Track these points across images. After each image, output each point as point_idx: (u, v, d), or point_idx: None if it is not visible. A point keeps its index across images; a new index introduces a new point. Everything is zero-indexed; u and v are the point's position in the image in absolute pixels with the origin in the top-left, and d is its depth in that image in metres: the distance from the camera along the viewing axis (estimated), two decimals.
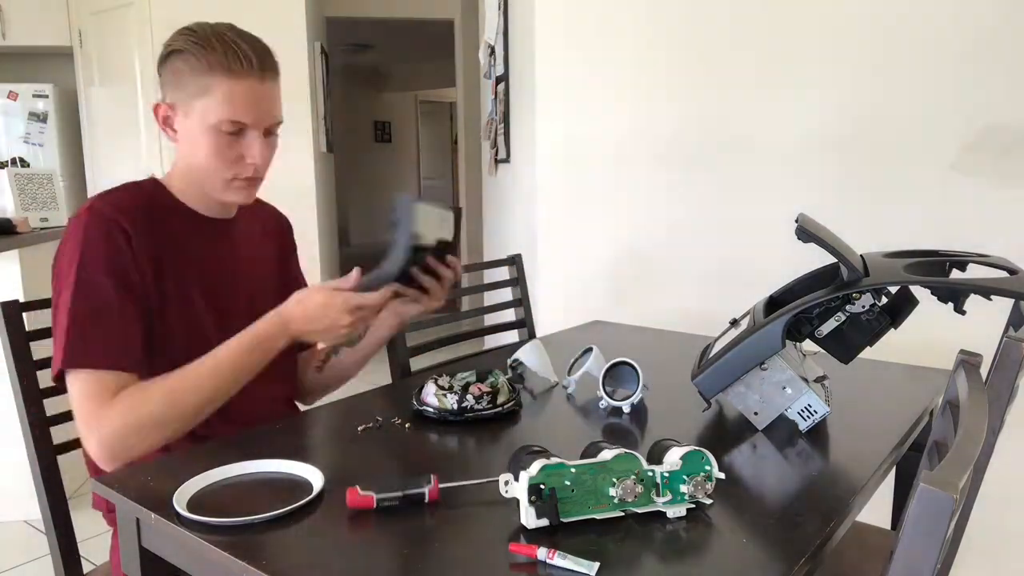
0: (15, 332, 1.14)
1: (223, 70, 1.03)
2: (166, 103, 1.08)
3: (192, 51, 1.04)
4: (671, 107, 2.34)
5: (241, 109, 1.04)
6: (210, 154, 1.06)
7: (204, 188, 1.11)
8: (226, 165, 1.07)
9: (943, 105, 1.79)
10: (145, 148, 4.05)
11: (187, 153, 1.09)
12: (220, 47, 1.03)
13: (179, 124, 1.08)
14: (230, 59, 1.03)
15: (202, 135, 1.05)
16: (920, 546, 0.51)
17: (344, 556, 0.70)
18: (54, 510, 1.15)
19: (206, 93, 1.03)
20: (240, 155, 1.07)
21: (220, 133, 1.05)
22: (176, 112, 1.07)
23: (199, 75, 1.03)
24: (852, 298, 1.01)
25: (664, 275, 2.42)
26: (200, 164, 1.07)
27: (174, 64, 1.06)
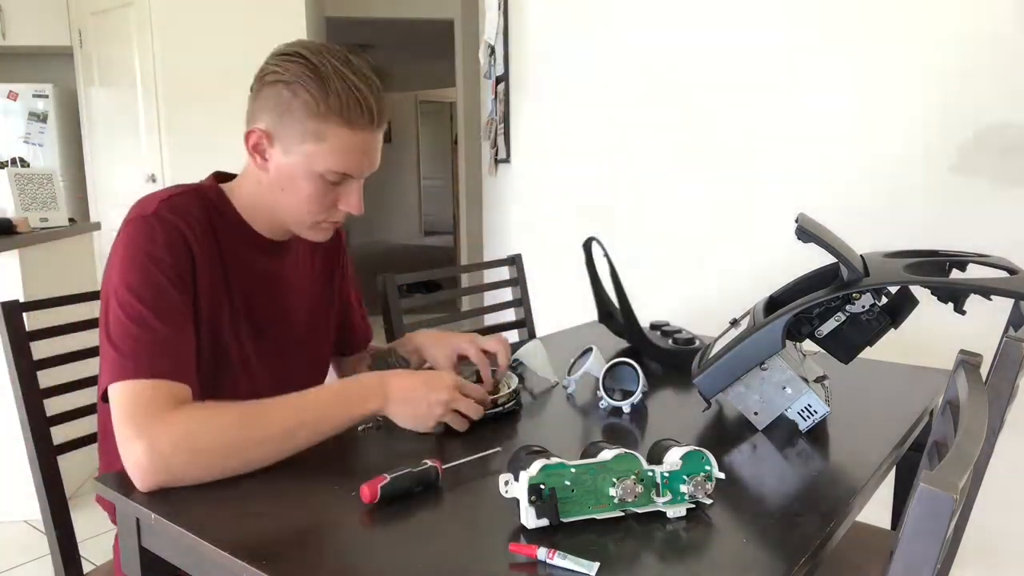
0: (15, 332, 1.14)
1: (341, 120, 0.95)
2: (261, 130, 0.98)
3: (309, 90, 0.94)
4: (671, 107, 2.34)
5: (352, 162, 0.98)
6: (307, 199, 1.00)
7: (282, 221, 1.05)
8: (320, 210, 1.02)
9: (943, 105, 1.79)
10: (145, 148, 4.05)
11: (275, 186, 1.01)
12: (342, 93, 0.94)
13: (274, 156, 0.99)
14: (351, 109, 0.95)
15: (303, 179, 0.99)
16: (920, 546, 0.51)
17: (344, 556, 0.70)
18: (54, 510, 1.15)
19: (317, 139, 0.96)
20: (335, 201, 1.03)
21: (323, 180, 0.99)
22: (273, 144, 0.99)
23: (311, 118, 0.95)
24: (852, 298, 1.01)
25: (664, 275, 2.42)
26: (290, 203, 1.01)
27: (281, 95, 0.96)
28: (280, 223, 1.07)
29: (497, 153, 3.46)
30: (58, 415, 1.18)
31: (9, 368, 1.14)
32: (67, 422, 1.19)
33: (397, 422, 0.98)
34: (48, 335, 1.19)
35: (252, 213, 1.06)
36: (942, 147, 1.80)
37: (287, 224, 1.06)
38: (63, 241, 2.53)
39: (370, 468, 0.92)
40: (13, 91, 4.14)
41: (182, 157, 3.91)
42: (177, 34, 3.80)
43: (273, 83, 0.97)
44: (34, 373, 1.15)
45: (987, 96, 1.73)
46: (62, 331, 1.21)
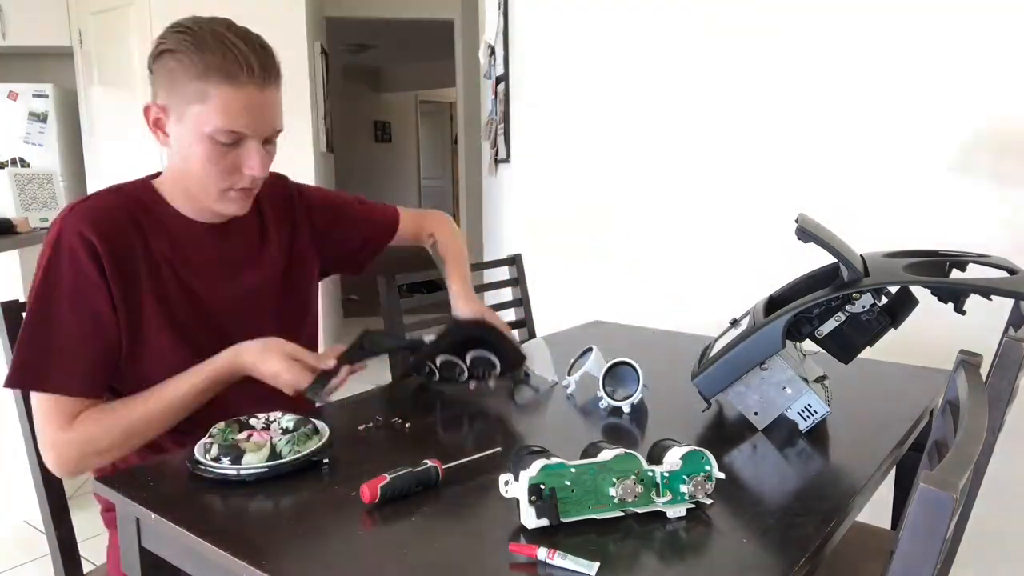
0: (15, 332, 1.14)
1: (221, 75, 0.96)
2: (157, 104, 1.01)
3: (187, 52, 0.96)
4: (671, 107, 2.34)
5: (239, 119, 0.98)
6: (204, 163, 1.00)
7: (197, 196, 1.05)
8: (222, 176, 1.01)
9: (943, 105, 1.79)
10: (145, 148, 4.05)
11: (179, 159, 1.03)
12: (219, 49, 0.96)
13: (171, 128, 1.01)
14: (229, 64, 0.96)
15: (196, 143, 0.99)
16: (920, 546, 0.51)
17: (344, 556, 0.70)
18: (54, 510, 1.15)
19: (201, 99, 0.96)
20: (236, 165, 1.01)
21: (216, 143, 0.98)
22: (168, 115, 1.00)
23: (194, 79, 0.96)
24: (852, 298, 1.01)
25: (664, 274, 2.42)
26: (193, 172, 1.02)
27: (167, 64, 0.98)
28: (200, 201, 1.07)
29: (497, 153, 3.46)
30: None
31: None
32: None
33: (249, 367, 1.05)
34: None
35: (180, 200, 1.08)
36: (942, 147, 1.80)
37: (200, 198, 1.06)
38: None
39: (370, 468, 0.92)
40: (13, 91, 4.14)
41: None
42: None
43: (159, 55, 1.00)
44: None
45: (987, 95, 1.73)
46: None
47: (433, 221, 1.44)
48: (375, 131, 10.21)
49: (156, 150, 3.99)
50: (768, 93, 2.10)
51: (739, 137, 2.18)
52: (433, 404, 1.14)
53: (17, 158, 4.14)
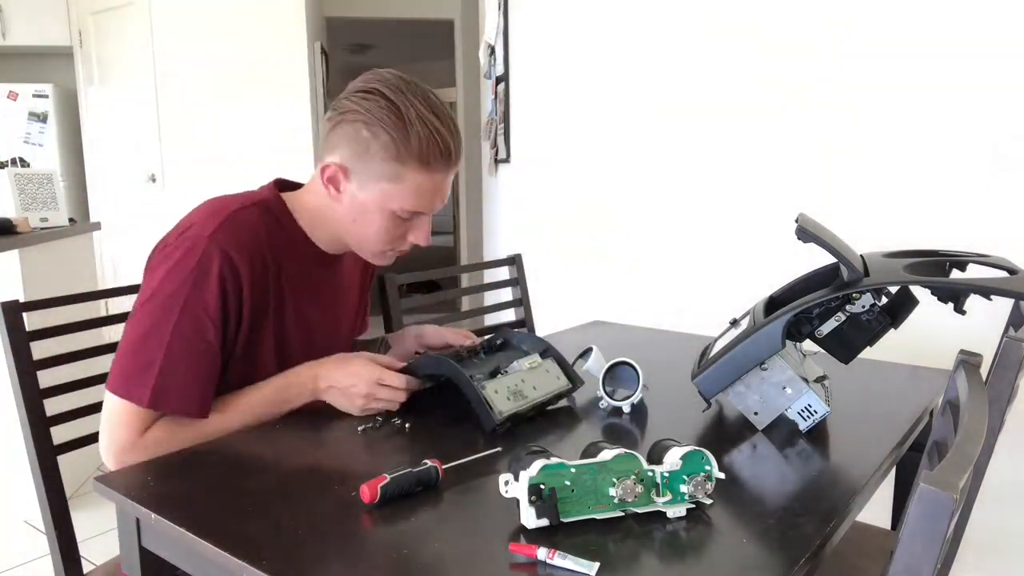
0: (15, 332, 1.14)
1: (419, 163, 0.98)
2: (338, 164, 1.01)
3: (390, 133, 0.97)
4: (671, 107, 2.34)
5: (428, 202, 1.02)
6: (378, 232, 1.04)
7: (348, 244, 1.09)
8: (389, 241, 1.06)
9: (943, 104, 1.79)
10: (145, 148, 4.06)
11: (347, 216, 1.04)
12: (423, 137, 0.97)
13: (348, 189, 1.02)
14: (430, 153, 0.98)
15: (376, 213, 1.02)
16: (920, 546, 0.51)
17: (344, 556, 0.70)
18: (54, 510, 1.15)
19: (393, 180, 0.99)
20: (405, 234, 1.06)
21: (396, 217, 1.02)
22: (348, 178, 1.02)
23: (391, 160, 0.98)
24: (852, 298, 1.01)
25: (664, 275, 2.42)
26: (361, 233, 1.05)
27: (360, 133, 0.98)
28: (342, 241, 1.10)
29: (497, 153, 3.46)
30: (58, 415, 1.18)
31: (9, 368, 1.14)
32: (67, 422, 1.19)
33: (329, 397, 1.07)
34: (48, 335, 1.19)
35: (313, 227, 1.09)
36: (943, 146, 1.80)
37: (353, 248, 1.10)
38: (63, 241, 2.53)
39: (370, 468, 0.92)
40: (13, 91, 4.14)
41: (182, 157, 3.91)
42: (177, 34, 3.80)
43: (353, 121, 0.99)
44: (34, 373, 1.15)
45: (986, 95, 1.73)
46: (62, 331, 1.21)
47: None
48: None
49: (156, 150, 3.99)
50: (768, 93, 2.09)
51: (739, 137, 2.18)
52: (433, 404, 1.14)
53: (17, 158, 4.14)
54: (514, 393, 1.06)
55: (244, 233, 1.00)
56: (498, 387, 1.04)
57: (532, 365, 1.13)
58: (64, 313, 1.26)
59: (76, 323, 1.22)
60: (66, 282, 2.55)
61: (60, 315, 1.26)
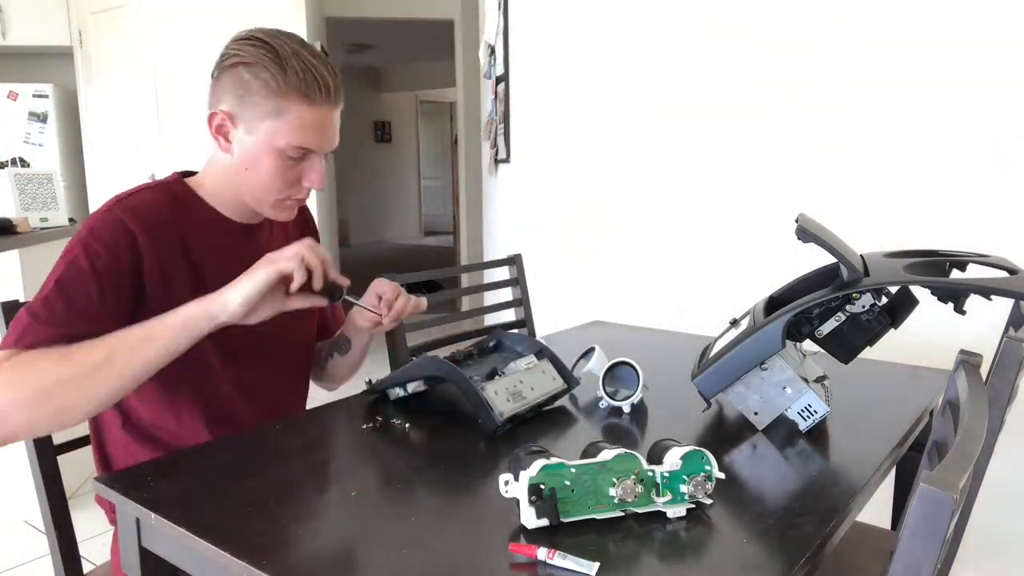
0: None
1: (299, 96, 1.00)
2: (224, 111, 1.02)
3: (268, 69, 0.99)
4: (671, 107, 2.34)
5: (312, 136, 1.02)
6: (270, 174, 1.03)
7: (247, 200, 1.08)
8: (284, 186, 1.05)
9: (944, 104, 1.79)
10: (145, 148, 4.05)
11: (239, 166, 1.05)
12: (300, 70, 0.99)
13: (236, 136, 1.03)
14: (308, 85, 1.00)
15: (265, 155, 1.02)
16: (920, 546, 0.51)
17: (344, 556, 0.70)
18: (54, 510, 1.15)
19: (277, 115, 1.00)
20: (298, 177, 1.06)
21: (284, 156, 1.02)
22: (235, 124, 1.03)
23: (271, 96, 0.99)
24: (852, 298, 1.01)
25: (664, 275, 2.42)
26: (255, 181, 1.05)
27: (241, 76, 1.00)
28: (246, 204, 1.09)
29: (497, 153, 3.46)
30: None
31: None
32: None
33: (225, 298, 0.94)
34: None
35: (219, 199, 1.10)
36: (943, 146, 1.80)
37: (251, 204, 1.08)
38: (63, 241, 2.52)
39: (370, 468, 0.92)
40: (13, 91, 4.14)
41: (182, 157, 3.91)
42: (177, 34, 3.80)
43: (233, 65, 1.01)
44: None
45: (985, 94, 1.73)
46: None
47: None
48: (375, 131, 10.22)
49: (156, 149, 3.99)
50: (768, 93, 2.10)
51: (739, 137, 2.18)
52: (431, 406, 1.14)
53: (17, 158, 4.14)
54: (513, 394, 1.06)
55: (141, 208, 1.01)
56: (497, 388, 1.05)
57: (528, 366, 1.13)
58: None
59: None
60: None
61: None
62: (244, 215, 1.12)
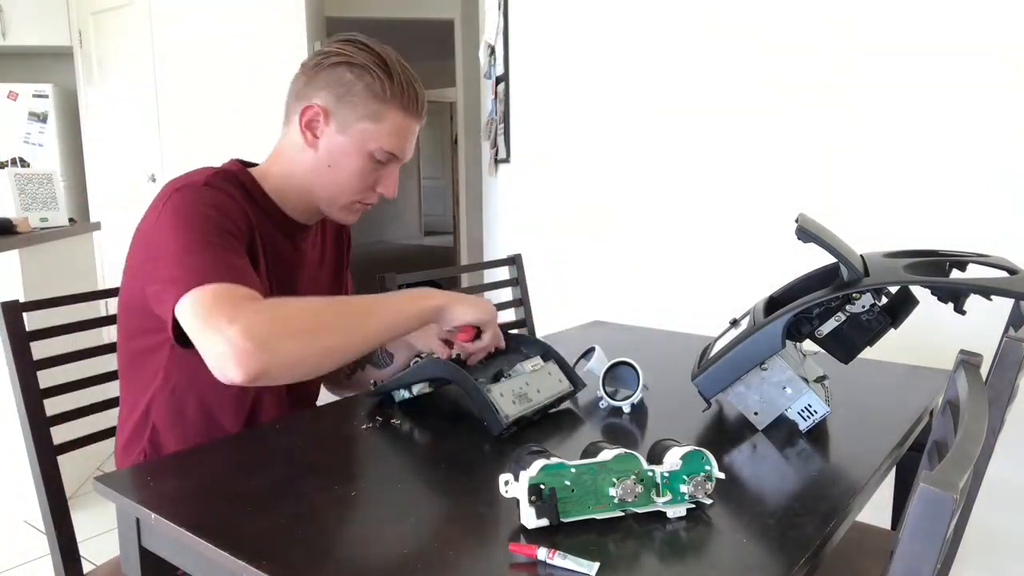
0: (15, 332, 1.14)
1: (400, 105, 1.05)
2: (320, 106, 1.04)
3: (374, 73, 1.03)
4: (671, 107, 2.34)
5: (401, 144, 1.07)
6: (353, 175, 1.06)
7: (319, 198, 1.09)
8: (361, 189, 1.08)
9: (944, 104, 1.79)
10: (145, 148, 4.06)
11: (321, 162, 1.06)
12: (404, 82, 1.05)
13: (326, 133, 1.05)
14: (409, 97, 1.05)
15: (354, 155, 1.05)
16: (920, 546, 0.51)
17: (343, 556, 0.70)
18: (54, 510, 1.15)
19: (375, 119, 1.04)
20: (376, 183, 1.09)
21: (372, 159, 1.06)
22: (328, 121, 1.05)
23: (374, 100, 1.03)
24: (852, 298, 1.01)
25: (663, 275, 2.42)
26: (334, 179, 1.07)
27: (344, 76, 1.03)
28: (312, 204, 1.11)
29: (497, 153, 3.46)
30: (58, 415, 1.18)
31: (9, 368, 1.14)
32: (67, 422, 1.19)
33: (458, 315, 1.05)
34: (48, 335, 1.19)
35: (282, 195, 1.10)
36: (943, 146, 1.81)
37: (321, 203, 1.10)
38: (63, 241, 2.53)
39: (370, 468, 0.92)
40: (13, 91, 4.14)
41: (182, 157, 3.92)
42: (177, 34, 3.80)
43: (336, 64, 1.04)
44: (34, 373, 1.15)
45: (986, 94, 1.73)
46: (62, 331, 1.21)
47: None
48: None
49: (156, 150, 3.99)
50: (768, 93, 2.10)
51: (739, 137, 2.18)
52: (433, 406, 1.14)
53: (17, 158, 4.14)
54: (519, 396, 1.05)
55: (230, 187, 1.03)
56: (503, 390, 1.04)
57: (534, 368, 1.13)
58: (64, 313, 1.26)
59: (76, 323, 1.22)
60: (66, 282, 2.55)
61: (60, 315, 1.26)
62: (302, 214, 1.13)
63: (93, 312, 1.10)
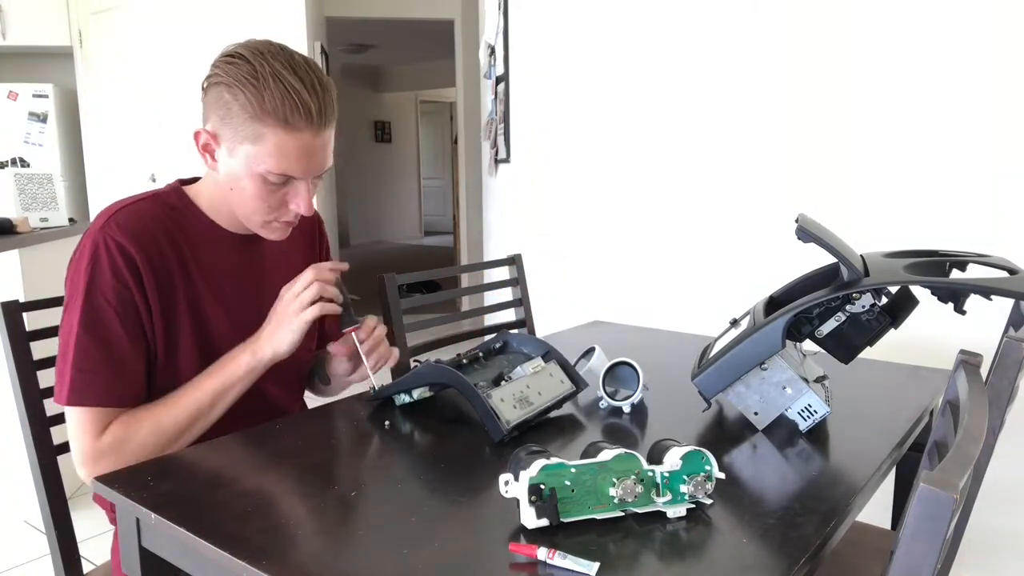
0: (15, 332, 1.14)
1: (276, 120, 0.95)
2: (207, 131, 1.00)
3: (243, 90, 0.95)
4: (671, 107, 2.34)
5: (292, 163, 0.98)
6: (253, 198, 1.01)
7: (238, 218, 1.07)
8: (268, 210, 1.03)
9: (944, 104, 1.79)
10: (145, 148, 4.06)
11: (224, 185, 1.03)
12: (277, 92, 0.94)
13: (220, 156, 1.01)
14: (287, 109, 0.95)
15: (246, 178, 0.99)
16: (920, 546, 0.51)
17: (344, 556, 0.70)
18: (54, 510, 1.15)
19: (255, 140, 0.97)
20: (284, 201, 1.03)
21: (265, 181, 0.99)
22: (219, 144, 1.00)
23: (249, 120, 0.96)
24: (852, 298, 1.01)
25: (664, 275, 2.42)
26: (239, 201, 1.03)
27: (222, 96, 0.97)
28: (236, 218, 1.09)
29: (497, 153, 3.46)
30: (58, 415, 1.18)
31: (9, 368, 1.14)
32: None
33: (274, 348, 1.04)
34: (48, 335, 1.19)
35: (215, 210, 1.09)
36: (943, 146, 1.81)
37: (242, 221, 1.07)
38: (63, 241, 2.53)
39: (370, 468, 0.92)
40: (13, 91, 4.14)
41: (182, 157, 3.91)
42: (177, 34, 3.80)
43: (215, 84, 0.98)
44: (34, 373, 1.15)
45: (986, 94, 1.73)
46: None
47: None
48: (375, 131, 10.22)
49: (156, 149, 3.99)
50: (768, 92, 2.10)
51: (739, 137, 2.18)
52: (433, 409, 1.14)
53: (17, 158, 4.14)
54: (520, 400, 1.04)
55: (135, 223, 1.01)
56: (504, 395, 1.03)
57: (536, 369, 1.12)
58: None
59: None
60: None
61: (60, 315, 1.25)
62: (240, 227, 1.11)
63: None
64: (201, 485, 0.86)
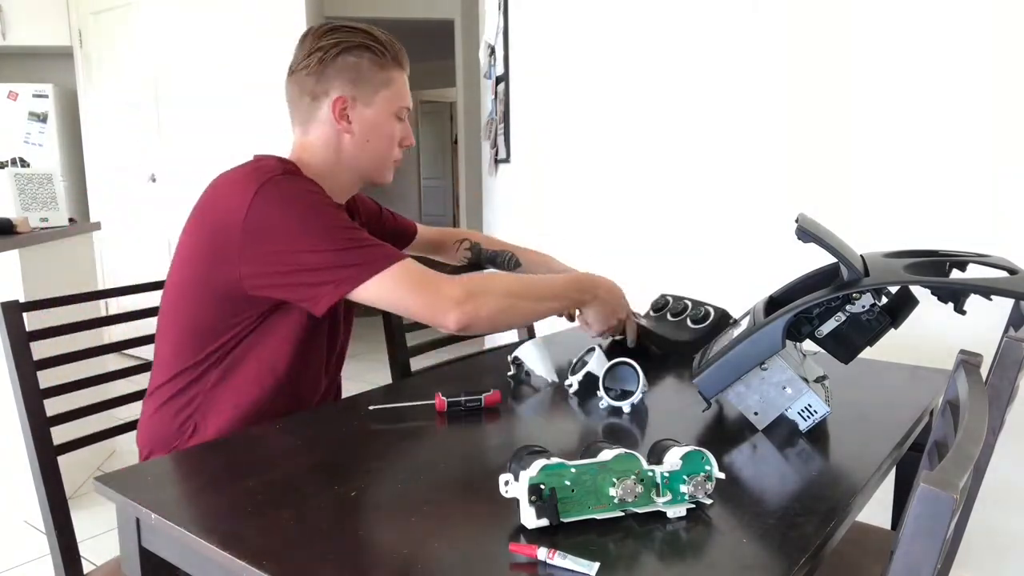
0: (15, 332, 1.14)
1: (396, 65, 1.19)
2: (344, 96, 1.16)
3: (373, 48, 1.16)
4: (671, 107, 2.34)
5: (409, 97, 1.22)
6: (391, 138, 1.20)
7: (364, 172, 1.21)
8: (397, 150, 1.23)
9: (944, 104, 1.79)
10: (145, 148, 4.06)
11: (360, 140, 1.18)
12: (387, 45, 1.18)
13: (357, 114, 1.17)
14: (398, 55, 1.19)
15: (387, 122, 1.19)
16: (920, 546, 0.51)
17: (344, 556, 0.70)
18: (54, 510, 1.15)
19: (388, 85, 1.18)
20: (401, 140, 1.23)
21: (397, 119, 1.21)
22: (355, 104, 1.17)
23: (379, 70, 1.17)
24: (852, 298, 1.01)
25: (664, 274, 2.42)
26: (377, 148, 1.19)
27: (348, 60, 1.15)
28: (350, 184, 1.23)
29: (497, 153, 3.46)
30: (58, 415, 1.18)
31: (9, 368, 1.14)
32: (67, 422, 1.19)
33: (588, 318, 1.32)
34: (48, 335, 1.19)
35: (321, 179, 1.17)
36: (943, 146, 1.80)
37: (370, 173, 1.22)
38: (63, 241, 2.53)
39: (370, 468, 0.92)
40: (13, 91, 4.14)
41: (182, 157, 3.92)
42: (177, 34, 3.80)
43: (335, 56, 1.15)
44: (34, 373, 1.15)
45: (986, 94, 1.73)
46: (62, 331, 1.21)
47: (461, 231, 1.62)
48: None
49: (156, 149, 3.99)
50: (768, 92, 2.09)
51: (739, 137, 2.18)
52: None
53: (17, 158, 4.14)
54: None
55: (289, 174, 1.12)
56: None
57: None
58: (64, 313, 1.26)
59: (76, 323, 1.22)
60: (66, 282, 2.55)
61: (60, 315, 1.26)
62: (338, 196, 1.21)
63: (93, 312, 1.10)
64: (201, 485, 0.86)
